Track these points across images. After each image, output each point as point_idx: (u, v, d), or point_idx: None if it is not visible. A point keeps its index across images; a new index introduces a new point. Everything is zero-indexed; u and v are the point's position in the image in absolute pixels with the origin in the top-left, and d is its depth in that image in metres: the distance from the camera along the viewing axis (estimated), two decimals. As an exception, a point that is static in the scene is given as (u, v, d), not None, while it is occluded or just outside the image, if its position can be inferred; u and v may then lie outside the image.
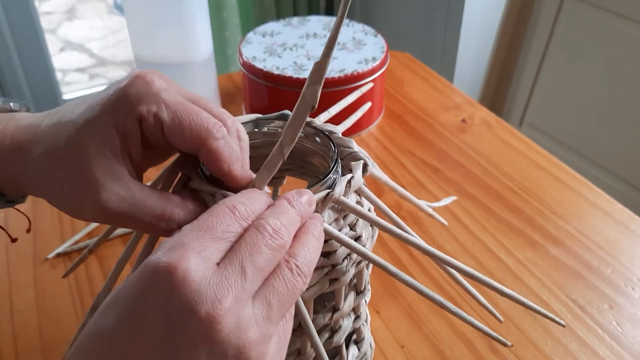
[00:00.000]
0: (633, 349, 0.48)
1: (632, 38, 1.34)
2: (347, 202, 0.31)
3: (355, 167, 0.33)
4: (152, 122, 0.29)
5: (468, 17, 1.51)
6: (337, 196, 0.31)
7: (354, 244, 0.31)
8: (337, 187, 0.31)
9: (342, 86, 0.70)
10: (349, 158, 0.35)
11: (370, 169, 0.34)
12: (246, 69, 0.73)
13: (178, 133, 0.29)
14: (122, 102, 0.29)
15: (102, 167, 0.29)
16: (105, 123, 0.29)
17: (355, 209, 0.32)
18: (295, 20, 0.83)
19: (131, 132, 0.29)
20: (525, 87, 1.62)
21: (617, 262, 0.56)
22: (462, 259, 0.56)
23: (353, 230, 0.34)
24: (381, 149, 0.73)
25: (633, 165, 1.42)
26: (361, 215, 0.32)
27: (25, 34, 1.69)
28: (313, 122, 0.37)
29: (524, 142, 0.74)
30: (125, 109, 0.29)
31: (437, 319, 0.50)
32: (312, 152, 0.38)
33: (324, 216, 0.31)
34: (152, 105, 0.29)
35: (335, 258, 0.33)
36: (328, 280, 0.33)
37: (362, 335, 0.41)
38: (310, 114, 0.30)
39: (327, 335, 0.37)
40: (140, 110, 0.29)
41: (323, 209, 0.31)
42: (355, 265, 0.35)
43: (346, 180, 0.31)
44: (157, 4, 0.64)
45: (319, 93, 0.29)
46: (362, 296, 0.38)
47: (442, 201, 0.49)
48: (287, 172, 0.41)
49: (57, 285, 0.54)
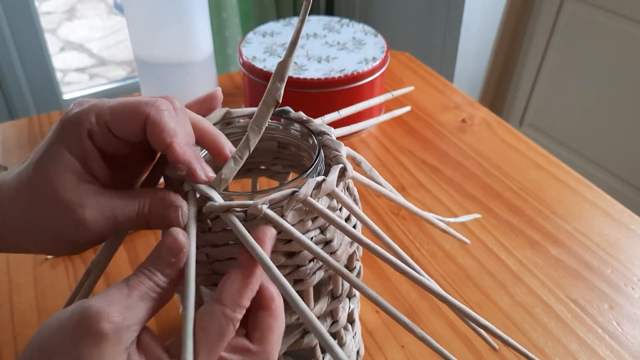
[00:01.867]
0: (633, 349, 0.48)
1: (632, 38, 1.34)
2: (314, 204, 0.31)
3: (332, 171, 0.32)
4: (99, 129, 0.29)
5: (468, 17, 1.51)
6: (303, 197, 0.30)
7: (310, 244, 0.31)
8: (304, 188, 0.30)
9: (342, 86, 0.70)
10: (334, 161, 0.34)
11: (349, 174, 0.33)
12: (246, 69, 0.73)
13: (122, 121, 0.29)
14: (67, 126, 0.30)
15: (70, 189, 0.29)
16: (58, 151, 0.29)
17: (322, 211, 0.31)
18: (295, 20, 0.83)
19: (86, 150, 0.30)
20: (525, 87, 1.62)
21: (617, 262, 0.56)
22: (462, 259, 0.56)
23: (323, 234, 0.33)
24: (381, 149, 0.73)
25: (633, 165, 1.42)
26: (328, 219, 0.31)
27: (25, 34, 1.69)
28: (310, 122, 0.37)
29: (524, 142, 0.74)
30: (73, 131, 0.29)
31: (438, 319, 0.50)
32: (305, 151, 0.38)
33: (288, 216, 0.31)
34: (91, 115, 0.29)
35: (300, 259, 0.32)
36: (292, 280, 0.33)
37: (343, 340, 0.40)
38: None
39: (298, 335, 0.37)
40: (84, 125, 0.29)
41: (287, 208, 0.30)
42: (325, 270, 0.34)
43: (315, 182, 0.31)
44: (157, 4, 0.64)
45: (282, 90, 0.32)
46: (338, 302, 0.37)
47: (461, 218, 0.47)
48: (291, 168, 0.41)
49: (57, 285, 0.54)
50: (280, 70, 0.32)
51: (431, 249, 0.57)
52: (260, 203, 0.30)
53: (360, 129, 0.42)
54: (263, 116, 0.32)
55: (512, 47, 1.63)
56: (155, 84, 0.70)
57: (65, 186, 0.29)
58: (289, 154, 0.40)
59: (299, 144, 0.38)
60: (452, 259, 0.56)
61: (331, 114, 0.40)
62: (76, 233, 0.29)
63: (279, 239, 0.31)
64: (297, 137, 0.38)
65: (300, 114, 0.37)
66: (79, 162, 0.29)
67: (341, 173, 0.33)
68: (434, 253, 0.57)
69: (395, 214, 0.62)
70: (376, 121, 0.45)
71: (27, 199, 0.30)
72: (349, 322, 0.41)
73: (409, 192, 0.65)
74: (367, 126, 0.43)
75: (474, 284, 0.54)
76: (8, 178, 0.31)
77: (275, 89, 0.32)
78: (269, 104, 0.32)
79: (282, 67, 0.32)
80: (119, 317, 0.25)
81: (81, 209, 0.29)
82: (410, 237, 0.59)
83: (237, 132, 0.38)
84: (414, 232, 0.59)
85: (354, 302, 0.40)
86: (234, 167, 0.31)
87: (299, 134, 0.38)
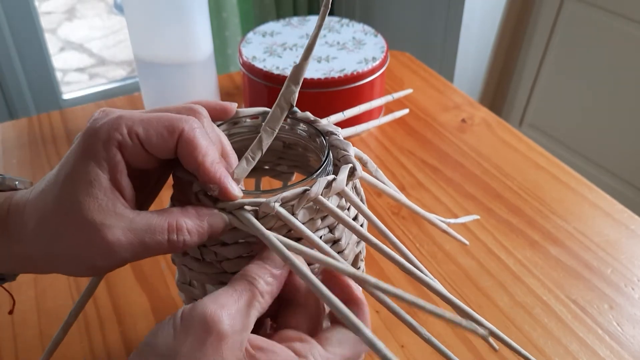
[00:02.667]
0: (633, 349, 0.48)
1: (632, 38, 1.34)
2: (324, 202, 0.31)
3: (342, 170, 0.33)
4: (130, 141, 0.28)
5: (468, 17, 1.51)
6: (314, 195, 0.30)
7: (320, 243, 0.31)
8: (315, 187, 0.31)
9: (342, 86, 0.70)
10: (343, 161, 0.35)
11: (358, 173, 0.33)
12: (246, 69, 0.73)
13: (157, 136, 0.29)
14: (94, 139, 0.28)
15: (96, 209, 0.28)
16: (85, 167, 0.28)
17: (332, 210, 0.31)
18: (295, 20, 0.83)
19: (116, 163, 0.28)
20: (525, 87, 1.62)
21: (617, 262, 0.56)
22: (462, 259, 0.56)
23: (332, 233, 0.33)
24: (381, 149, 0.73)
25: (633, 165, 1.42)
26: (338, 218, 0.31)
27: (25, 34, 1.69)
28: (317, 122, 0.37)
29: (524, 142, 0.74)
30: (102, 143, 0.28)
31: (438, 319, 0.50)
32: (312, 151, 0.38)
33: (299, 215, 0.31)
34: (122, 127, 0.28)
35: None
36: None
37: None
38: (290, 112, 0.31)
39: None
40: (115, 136, 0.28)
41: (298, 206, 0.30)
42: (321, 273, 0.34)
43: (326, 181, 0.31)
44: (157, 4, 0.64)
45: (296, 94, 0.33)
46: None
47: (462, 219, 0.47)
48: (296, 169, 0.41)
49: (57, 285, 0.54)
50: (295, 73, 0.33)
51: (431, 249, 0.57)
52: (272, 201, 0.30)
53: (362, 130, 0.42)
54: (277, 119, 0.33)
55: (512, 47, 1.63)
56: (155, 84, 0.70)
57: (92, 208, 0.27)
58: (295, 154, 0.40)
59: (305, 144, 0.38)
60: (452, 259, 0.56)
61: (336, 115, 0.40)
62: (101, 254, 0.28)
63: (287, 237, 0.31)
64: (304, 138, 0.38)
65: (307, 114, 0.37)
66: (108, 176, 0.28)
67: (350, 172, 0.33)
68: (434, 253, 0.57)
69: (396, 214, 0.62)
70: (377, 123, 0.45)
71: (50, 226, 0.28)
72: None
73: (409, 192, 0.65)
74: (369, 127, 0.44)
75: (474, 284, 0.54)
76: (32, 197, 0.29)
77: (289, 92, 0.33)
78: (283, 107, 0.33)
79: (297, 70, 0.33)
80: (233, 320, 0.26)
81: (107, 230, 0.27)
82: (410, 237, 0.59)
83: (243, 132, 0.38)
84: (414, 232, 0.59)
85: None
86: (246, 168, 0.32)
87: (305, 134, 0.38)
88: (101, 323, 0.50)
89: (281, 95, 0.33)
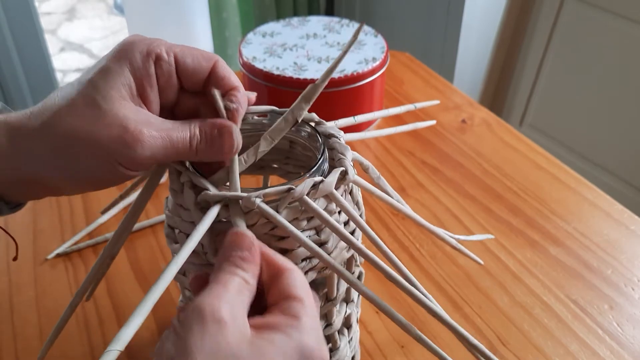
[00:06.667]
0: (633, 349, 0.48)
1: (632, 38, 1.34)
2: (309, 203, 0.31)
3: (332, 173, 0.32)
4: (167, 57, 0.30)
5: (468, 17, 1.51)
6: (298, 195, 0.30)
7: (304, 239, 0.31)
8: (300, 186, 0.30)
9: (342, 86, 0.70)
10: (338, 164, 0.34)
11: (350, 178, 0.33)
12: (246, 69, 0.73)
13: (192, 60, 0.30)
14: (132, 47, 0.29)
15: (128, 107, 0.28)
16: (120, 67, 0.29)
17: (317, 211, 0.31)
18: (295, 21, 0.83)
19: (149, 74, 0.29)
20: (525, 87, 1.62)
21: (617, 262, 0.56)
22: (462, 260, 0.56)
23: (318, 235, 0.33)
24: (381, 149, 0.73)
25: (633, 165, 1.42)
26: (323, 220, 0.31)
27: (25, 34, 1.69)
28: (322, 124, 0.37)
29: (524, 142, 0.74)
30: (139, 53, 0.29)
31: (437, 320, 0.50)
32: (311, 152, 0.38)
33: (282, 213, 0.31)
34: (161, 44, 0.30)
35: (292, 257, 0.32)
36: None
37: (337, 344, 0.40)
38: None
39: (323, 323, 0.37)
40: (154, 49, 0.29)
41: (282, 205, 0.30)
42: (317, 271, 0.34)
43: (312, 182, 0.31)
44: (157, 4, 0.64)
45: (305, 111, 0.34)
46: (332, 305, 0.37)
47: (474, 237, 0.47)
48: (302, 169, 0.41)
49: (57, 285, 0.54)
50: (310, 93, 0.33)
51: (431, 249, 0.57)
52: (254, 196, 0.30)
53: (375, 135, 0.42)
54: (280, 130, 0.34)
55: (512, 47, 1.63)
56: (155, 84, 0.70)
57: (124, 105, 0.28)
58: (300, 155, 0.40)
59: (305, 144, 0.38)
60: (452, 259, 0.56)
61: (346, 119, 0.40)
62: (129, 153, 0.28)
63: (271, 235, 0.31)
64: (305, 138, 0.38)
65: (313, 115, 0.37)
66: (135, 84, 0.29)
67: (342, 176, 0.33)
68: (434, 253, 0.57)
69: (395, 214, 0.62)
70: (394, 131, 0.44)
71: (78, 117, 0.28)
72: (346, 326, 0.41)
73: (409, 192, 0.65)
74: (384, 134, 0.43)
75: (473, 284, 0.54)
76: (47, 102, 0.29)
77: (299, 108, 0.33)
78: (289, 121, 0.34)
79: (312, 90, 0.33)
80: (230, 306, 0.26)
81: (139, 125, 0.28)
82: (410, 237, 0.59)
83: (248, 128, 0.38)
84: (414, 233, 0.59)
85: (352, 307, 0.40)
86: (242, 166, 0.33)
87: (307, 134, 0.38)
88: (101, 323, 0.50)
89: (291, 110, 0.33)
